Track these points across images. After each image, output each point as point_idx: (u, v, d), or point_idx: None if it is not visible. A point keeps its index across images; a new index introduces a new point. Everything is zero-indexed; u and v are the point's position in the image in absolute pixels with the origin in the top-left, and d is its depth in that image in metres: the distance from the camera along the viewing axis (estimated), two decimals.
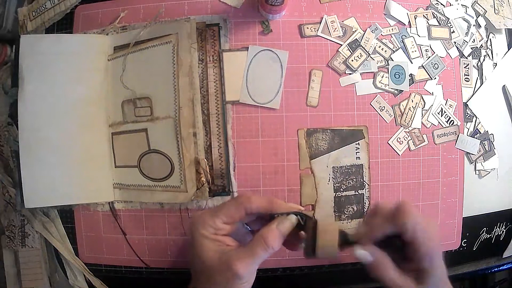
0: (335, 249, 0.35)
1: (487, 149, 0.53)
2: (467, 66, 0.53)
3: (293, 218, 0.35)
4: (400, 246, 0.35)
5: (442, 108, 0.51)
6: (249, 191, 0.49)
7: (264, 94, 0.49)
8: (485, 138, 0.53)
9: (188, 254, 0.37)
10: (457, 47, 0.52)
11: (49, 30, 0.52)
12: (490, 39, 0.54)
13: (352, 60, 0.50)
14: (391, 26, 0.51)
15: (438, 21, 0.52)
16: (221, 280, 0.33)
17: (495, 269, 0.56)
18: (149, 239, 0.50)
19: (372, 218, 0.37)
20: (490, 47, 0.54)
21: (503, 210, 0.54)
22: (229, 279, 0.33)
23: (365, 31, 0.50)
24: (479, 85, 0.53)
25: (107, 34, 0.51)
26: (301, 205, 0.49)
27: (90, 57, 0.50)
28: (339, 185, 0.49)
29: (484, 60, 0.53)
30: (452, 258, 0.52)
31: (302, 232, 0.36)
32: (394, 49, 0.51)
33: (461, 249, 0.53)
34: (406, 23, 0.51)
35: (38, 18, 0.53)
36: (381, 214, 0.36)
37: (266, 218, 0.36)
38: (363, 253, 0.35)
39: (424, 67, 0.51)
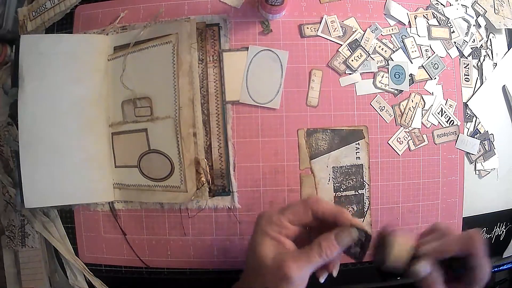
0: (403, 264, 0.35)
1: (487, 149, 0.53)
2: (467, 66, 0.53)
3: (353, 232, 0.34)
4: (461, 270, 0.35)
5: (442, 108, 0.51)
6: (251, 191, 0.49)
7: (264, 94, 0.49)
8: (485, 138, 0.53)
9: (248, 248, 0.37)
10: (457, 47, 0.52)
11: (49, 30, 0.52)
12: (490, 39, 0.54)
13: (352, 60, 0.50)
14: (391, 26, 0.51)
15: (438, 21, 0.52)
16: (271, 280, 0.33)
17: (495, 269, 0.56)
18: (149, 239, 0.50)
19: (439, 235, 0.37)
20: (490, 47, 0.54)
21: (503, 210, 0.54)
22: (279, 280, 0.32)
23: (365, 31, 0.50)
24: (479, 85, 0.53)
25: (107, 34, 0.51)
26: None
27: (90, 57, 0.50)
28: (339, 185, 0.49)
29: (484, 60, 0.53)
30: None
31: (334, 268, 0.36)
32: (394, 49, 0.51)
33: None
34: (406, 23, 0.51)
35: (38, 18, 0.53)
36: (452, 237, 0.36)
37: (329, 227, 0.35)
38: (428, 270, 0.35)
39: (424, 67, 0.51)
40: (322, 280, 0.36)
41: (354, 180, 0.50)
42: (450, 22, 0.52)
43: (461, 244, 0.35)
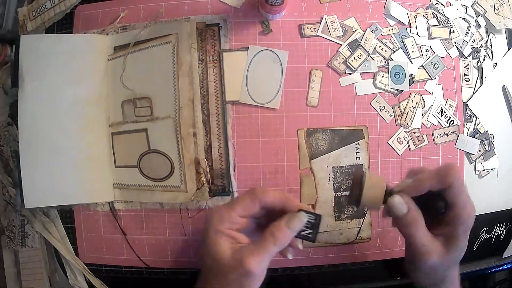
0: (379, 203, 0.35)
1: (487, 149, 0.53)
2: (467, 66, 0.53)
3: (302, 216, 0.35)
4: (441, 208, 0.35)
5: (442, 108, 0.51)
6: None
7: (264, 94, 0.49)
8: (485, 138, 0.53)
9: (200, 250, 0.37)
10: (457, 47, 0.52)
11: (49, 30, 0.52)
12: (490, 39, 0.54)
13: (352, 60, 0.50)
14: (391, 26, 0.51)
15: (438, 21, 0.52)
16: (234, 277, 0.33)
17: (495, 269, 0.56)
18: (149, 239, 0.50)
19: (417, 173, 0.37)
20: (490, 47, 0.54)
21: (503, 210, 0.54)
22: (242, 276, 0.33)
23: (365, 31, 0.50)
24: (479, 85, 0.53)
25: (107, 34, 0.51)
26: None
27: (90, 57, 0.50)
28: (339, 185, 0.49)
29: (484, 60, 0.53)
30: None
31: (299, 245, 0.37)
32: (394, 49, 0.51)
33: None
34: (406, 23, 0.51)
35: (38, 18, 0.53)
36: (427, 171, 0.36)
37: (277, 214, 0.36)
38: (401, 203, 0.35)
39: (424, 67, 0.51)
40: (290, 256, 0.37)
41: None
42: (450, 22, 0.52)
43: (435, 176, 0.35)
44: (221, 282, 0.34)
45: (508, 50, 0.55)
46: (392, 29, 0.51)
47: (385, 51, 0.50)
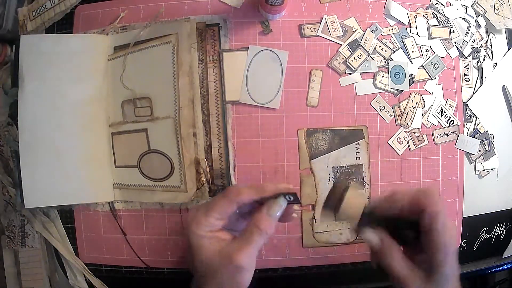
0: (355, 219, 0.36)
1: (487, 149, 0.53)
2: (467, 66, 0.53)
3: (280, 201, 0.35)
4: (412, 237, 0.35)
5: (442, 108, 0.51)
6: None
7: (264, 94, 0.49)
8: (485, 138, 0.53)
9: (187, 257, 0.37)
10: (457, 47, 0.52)
11: (49, 30, 0.52)
12: (490, 39, 0.54)
13: (352, 60, 0.50)
14: (391, 26, 0.51)
15: (438, 21, 0.52)
16: (225, 275, 0.33)
17: (495, 269, 0.56)
18: (149, 239, 0.50)
19: (395, 193, 0.36)
20: (490, 47, 0.54)
21: (503, 210, 0.54)
22: (233, 272, 0.33)
23: (365, 31, 0.50)
24: (479, 85, 0.53)
25: (107, 34, 0.51)
26: (301, 205, 0.49)
27: (90, 57, 0.50)
28: None
29: (484, 60, 0.53)
30: None
31: (296, 207, 0.37)
32: (394, 49, 0.51)
33: (461, 249, 0.53)
34: (406, 23, 0.51)
35: (38, 18, 0.53)
36: (401, 192, 0.36)
37: (258, 202, 0.36)
38: (372, 236, 0.35)
39: (424, 67, 0.51)
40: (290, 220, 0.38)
41: (354, 180, 0.50)
42: (450, 22, 0.52)
43: (408, 197, 0.35)
44: (214, 283, 0.34)
45: (508, 50, 0.55)
46: (392, 29, 0.51)
47: (385, 51, 0.50)
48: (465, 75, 0.53)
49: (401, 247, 0.36)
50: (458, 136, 0.52)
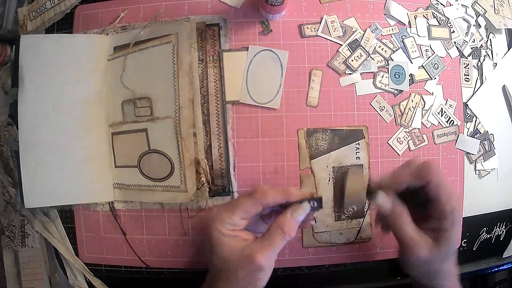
0: (362, 199, 0.38)
1: (487, 149, 0.53)
2: (467, 66, 0.53)
3: (305, 205, 0.36)
4: (423, 201, 0.37)
5: (442, 108, 0.51)
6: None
7: (264, 94, 0.49)
8: (485, 138, 0.53)
9: (205, 252, 0.37)
10: (457, 47, 0.52)
11: (49, 30, 0.52)
12: (490, 39, 0.54)
13: (352, 60, 0.50)
14: (391, 26, 0.51)
15: (438, 21, 0.52)
16: (244, 274, 0.34)
17: (495, 269, 0.56)
18: (149, 239, 0.50)
19: (399, 170, 0.38)
20: (490, 47, 0.54)
21: (503, 210, 0.54)
22: (252, 272, 0.34)
23: (365, 31, 0.50)
24: (479, 85, 0.53)
25: (107, 34, 0.51)
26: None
27: (90, 57, 0.50)
28: None
29: (484, 60, 0.53)
30: None
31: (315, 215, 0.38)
32: (394, 49, 0.51)
33: (461, 249, 0.53)
34: (406, 23, 0.51)
35: (38, 18, 0.53)
36: (408, 168, 0.37)
37: (281, 205, 0.37)
38: (385, 201, 0.37)
39: (424, 67, 0.51)
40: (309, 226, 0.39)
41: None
42: (450, 22, 0.52)
43: (413, 171, 0.37)
44: (231, 279, 0.34)
45: (508, 50, 0.55)
46: (392, 29, 0.51)
47: (385, 51, 0.50)
48: (465, 75, 0.53)
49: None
50: (458, 136, 0.52)
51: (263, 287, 0.35)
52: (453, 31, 0.52)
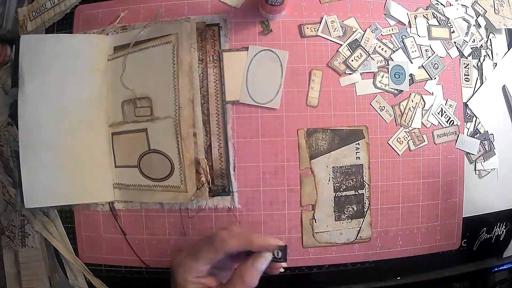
0: None
1: (487, 149, 0.53)
2: (467, 66, 0.53)
3: (267, 255, 0.36)
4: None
5: (442, 108, 0.51)
6: (250, 191, 0.49)
7: (264, 94, 0.49)
8: (485, 138, 0.53)
9: None
10: (457, 47, 0.52)
11: (49, 30, 0.52)
12: (490, 39, 0.54)
13: (352, 60, 0.50)
14: (391, 26, 0.51)
15: (438, 21, 0.52)
16: None
17: (495, 269, 0.56)
18: (149, 239, 0.50)
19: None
20: (490, 47, 0.54)
21: (503, 210, 0.54)
22: None
23: (365, 31, 0.50)
24: (479, 85, 0.53)
25: (107, 34, 0.51)
26: (301, 205, 0.49)
27: (90, 57, 0.50)
28: (339, 185, 0.49)
29: (484, 60, 0.53)
30: (452, 258, 0.52)
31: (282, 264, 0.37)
32: (394, 49, 0.51)
33: (461, 249, 0.53)
34: (406, 23, 0.51)
35: (38, 18, 0.53)
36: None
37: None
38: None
39: (424, 67, 0.51)
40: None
41: (354, 180, 0.50)
42: (450, 22, 0.52)
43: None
44: None
45: (508, 50, 0.55)
46: (392, 29, 0.51)
47: (385, 51, 0.50)
48: (465, 75, 0.53)
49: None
50: (458, 136, 0.52)
51: None
52: (453, 31, 0.52)
